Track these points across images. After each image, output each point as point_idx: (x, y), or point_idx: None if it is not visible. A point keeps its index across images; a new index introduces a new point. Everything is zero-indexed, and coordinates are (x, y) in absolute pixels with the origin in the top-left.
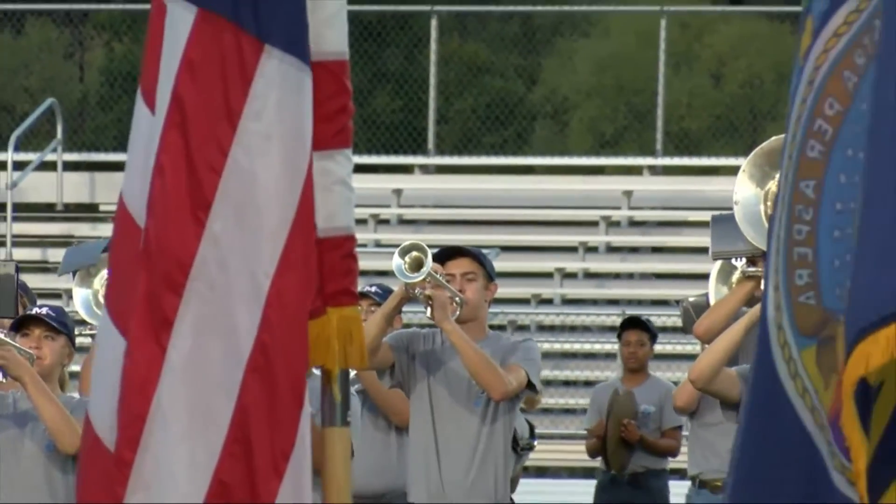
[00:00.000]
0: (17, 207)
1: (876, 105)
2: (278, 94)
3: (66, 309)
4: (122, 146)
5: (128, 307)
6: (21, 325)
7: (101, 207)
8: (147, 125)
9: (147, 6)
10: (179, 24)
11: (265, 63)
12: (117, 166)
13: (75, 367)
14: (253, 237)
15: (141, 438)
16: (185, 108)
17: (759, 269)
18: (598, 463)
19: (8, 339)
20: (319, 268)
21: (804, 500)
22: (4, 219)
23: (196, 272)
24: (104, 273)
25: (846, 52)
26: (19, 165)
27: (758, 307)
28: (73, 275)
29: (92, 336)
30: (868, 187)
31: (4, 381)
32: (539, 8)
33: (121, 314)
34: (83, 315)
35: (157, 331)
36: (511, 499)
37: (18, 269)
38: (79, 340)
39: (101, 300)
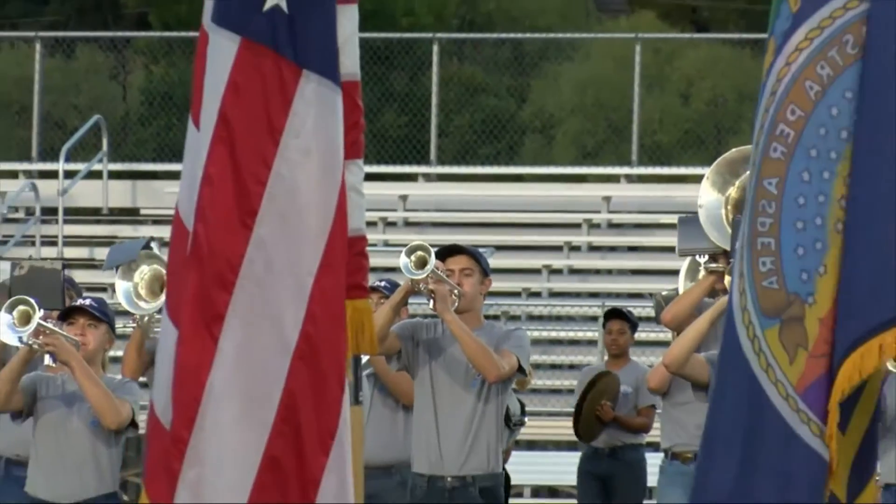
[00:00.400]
0: (67, 212)
1: (867, 120)
2: (315, 113)
3: (109, 301)
4: (160, 157)
5: (180, 303)
6: (67, 315)
7: (142, 211)
8: (194, 140)
9: (181, 34)
10: (223, 51)
11: (304, 86)
12: (155, 175)
13: (117, 352)
14: (296, 240)
15: (196, 419)
16: (231, 125)
17: (720, 266)
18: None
19: (56, 328)
20: (348, 268)
21: (770, 461)
22: (56, 221)
23: (245, 272)
24: (144, 268)
25: (808, 64)
26: (69, 174)
27: (723, 300)
28: (116, 269)
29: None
30: (857, 204)
31: (54, 365)
32: (528, 35)
33: (174, 309)
34: (124, 305)
35: (209, 324)
36: (504, 469)
37: (65, 267)
38: (119, 328)
39: (141, 292)
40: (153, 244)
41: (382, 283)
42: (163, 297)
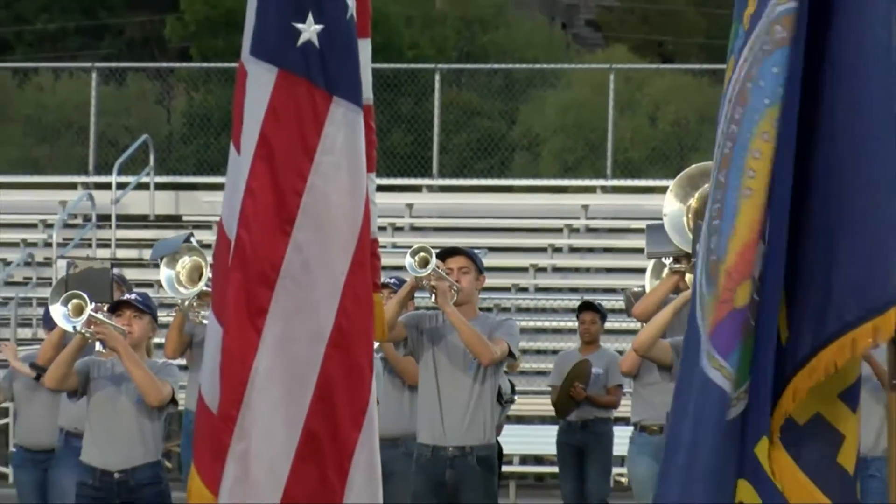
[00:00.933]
0: (119, 218)
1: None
2: (344, 134)
3: (155, 295)
4: (199, 171)
5: (224, 303)
6: (116, 307)
7: (184, 217)
8: (234, 163)
9: (217, 65)
10: (262, 80)
11: (334, 110)
12: (195, 186)
13: (159, 339)
14: (329, 244)
15: (243, 400)
16: (271, 145)
17: (683, 266)
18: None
19: (105, 319)
20: (372, 265)
21: (691, 407)
22: (109, 227)
23: (284, 272)
24: (185, 258)
25: (749, 67)
26: (121, 186)
27: (685, 293)
28: (161, 260)
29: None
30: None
31: (104, 350)
32: (517, 66)
33: (219, 308)
34: (167, 290)
35: (253, 317)
36: (497, 441)
37: (114, 266)
38: (162, 317)
39: (182, 279)
40: (192, 238)
41: (391, 280)
42: (200, 284)
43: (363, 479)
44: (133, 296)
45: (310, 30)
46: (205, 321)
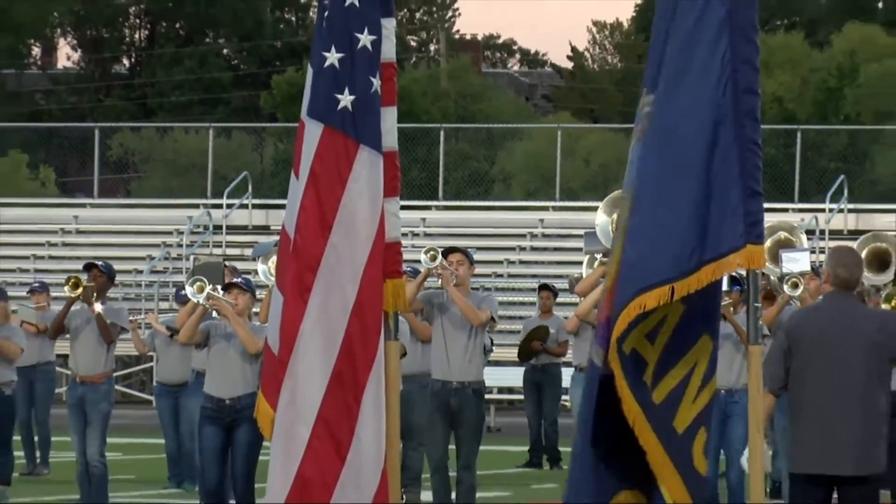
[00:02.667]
0: (228, 228)
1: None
2: (367, 170)
3: (253, 279)
4: (281, 195)
5: (284, 281)
6: (227, 288)
7: (271, 228)
8: (294, 185)
9: (293, 125)
10: (313, 133)
11: (361, 154)
12: (279, 206)
13: (256, 309)
14: (354, 245)
15: (292, 350)
16: (318, 177)
17: (607, 259)
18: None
19: (219, 296)
20: (385, 259)
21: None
22: (221, 233)
23: (324, 263)
24: (274, 257)
25: (634, 140)
26: (229, 206)
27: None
28: (258, 258)
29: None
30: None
31: (218, 317)
32: (495, 125)
33: (281, 284)
34: (261, 277)
35: (302, 293)
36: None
37: (225, 261)
38: (259, 295)
39: (271, 271)
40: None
41: (409, 270)
42: None
43: (371, 405)
44: (239, 280)
45: (346, 99)
46: None
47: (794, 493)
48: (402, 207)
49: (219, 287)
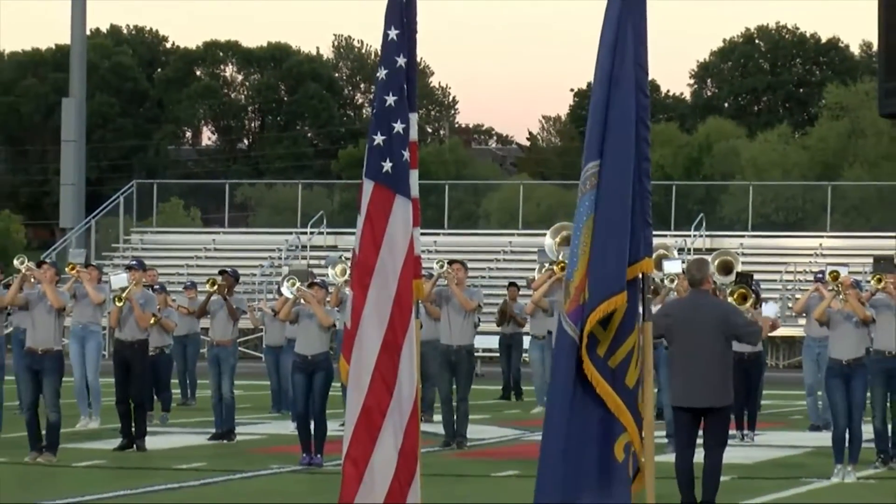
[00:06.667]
0: (311, 247)
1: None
2: (401, 211)
3: (325, 280)
4: (344, 226)
5: (354, 281)
6: (310, 285)
7: (338, 247)
8: (359, 220)
9: (353, 182)
10: (368, 187)
11: (397, 200)
12: (343, 233)
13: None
14: (395, 258)
15: (357, 328)
16: (371, 216)
17: (552, 268)
18: (500, 329)
19: (305, 290)
20: (412, 267)
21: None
22: (306, 251)
23: (376, 271)
24: (339, 266)
25: (580, 192)
26: (311, 233)
27: (555, 277)
28: (329, 266)
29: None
30: (602, 207)
31: (304, 304)
32: (479, 182)
33: (352, 283)
34: (331, 280)
35: (365, 289)
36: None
37: (310, 268)
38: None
39: (338, 275)
40: (342, 257)
41: (425, 274)
42: (346, 276)
43: (407, 361)
44: (317, 280)
45: (387, 165)
46: (347, 291)
47: (676, 419)
48: (422, 234)
49: (305, 284)
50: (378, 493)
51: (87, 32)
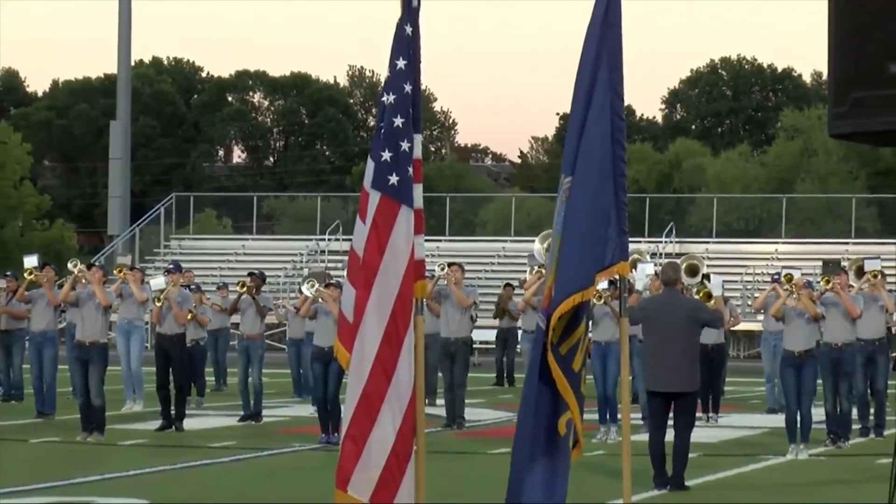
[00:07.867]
0: (330, 252)
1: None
2: (405, 220)
3: (342, 282)
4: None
5: (355, 279)
6: (327, 285)
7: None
8: (360, 227)
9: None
10: (375, 199)
11: (401, 210)
12: None
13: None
14: (398, 261)
15: (361, 319)
16: (377, 224)
17: (541, 270)
18: (498, 322)
19: (323, 289)
20: (415, 269)
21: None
22: (324, 256)
23: (380, 272)
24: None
25: (557, 206)
26: (329, 240)
27: (542, 279)
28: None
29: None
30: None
31: (322, 301)
32: (477, 195)
33: (353, 281)
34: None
35: (368, 287)
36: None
37: (327, 270)
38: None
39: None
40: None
41: (428, 275)
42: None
43: (406, 351)
44: (334, 281)
45: (394, 179)
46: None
47: (650, 403)
48: (425, 240)
49: (322, 285)
50: (374, 467)
51: (132, 63)
